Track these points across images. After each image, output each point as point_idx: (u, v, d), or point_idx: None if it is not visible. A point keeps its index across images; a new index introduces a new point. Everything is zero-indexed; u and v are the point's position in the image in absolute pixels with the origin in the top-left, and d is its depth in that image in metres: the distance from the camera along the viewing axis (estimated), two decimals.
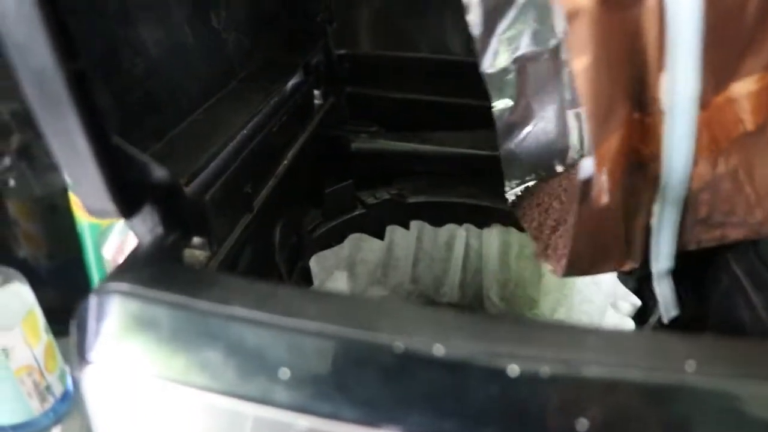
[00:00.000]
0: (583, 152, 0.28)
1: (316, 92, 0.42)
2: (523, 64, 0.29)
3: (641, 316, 0.33)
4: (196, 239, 0.23)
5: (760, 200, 0.25)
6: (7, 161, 0.46)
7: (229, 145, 0.26)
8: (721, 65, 0.23)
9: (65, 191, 0.44)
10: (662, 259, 0.27)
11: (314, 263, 0.36)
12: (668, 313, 0.29)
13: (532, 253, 0.41)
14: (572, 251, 0.27)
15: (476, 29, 0.29)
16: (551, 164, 0.30)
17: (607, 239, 0.27)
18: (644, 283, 0.34)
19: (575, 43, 0.22)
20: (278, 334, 0.17)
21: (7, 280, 0.41)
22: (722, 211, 0.26)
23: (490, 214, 0.40)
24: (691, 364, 0.16)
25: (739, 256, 0.27)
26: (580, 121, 0.27)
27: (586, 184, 0.25)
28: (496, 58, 0.30)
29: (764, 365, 0.16)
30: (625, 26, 0.22)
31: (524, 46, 0.29)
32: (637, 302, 0.33)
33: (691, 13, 0.21)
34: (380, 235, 0.40)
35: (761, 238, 0.26)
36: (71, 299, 0.19)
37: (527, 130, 0.31)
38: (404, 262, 0.42)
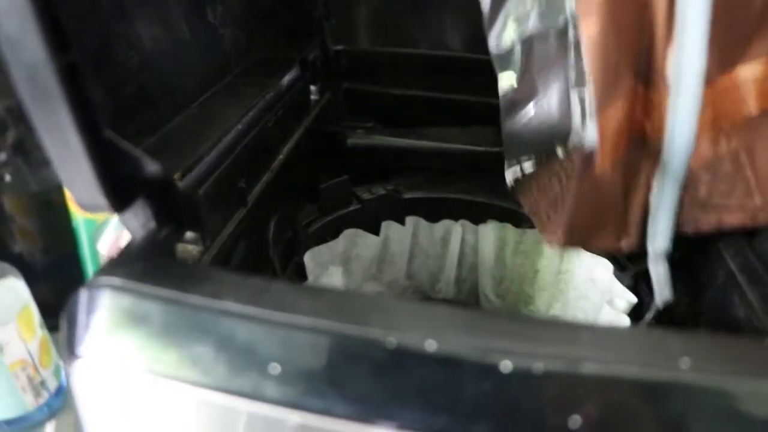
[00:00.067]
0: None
1: (312, 88, 0.42)
2: (530, 41, 0.30)
3: (637, 313, 0.33)
4: (189, 234, 0.23)
5: (759, 185, 0.25)
6: (2, 157, 0.45)
7: (223, 139, 0.26)
8: (728, 45, 0.23)
9: (61, 187, 0.44)
10: (659, 239, 0.27)
11: (309, 258, 0.36)
12: (662, 296, 0.29)
13: (527, 249, 0.41)
14: (571, 220, 0.27)
15: (485, 4, 0.29)
16: (552, 147, 0.30)
17: (605, 211, 0.27)
18: (640, 280, 0.34)
19: (586, 6, 0.22)
20: (269, 329, 0.17)
21: (2, 275, 0.41)
22: (721, 192, 0.26)
23: (485, 210, 0.40)
24: (685, 360, 0.16)
25: (734, 251, 0.26)
26: (583, 102, 0.27)
27: (588, 149, 0.25)
28: (503, 34, 0.30)
29: (759, 362, 0.16)
30: None
31: (532, 24, 0.29)
32: (632, 299, 0.33)
33: None
34: (376, 230, 0.40)
35: (758, 225, 0.26)
36: (66, 294, 0.19)
37: (530, 108, 0.31)
38: (399, 257, 0.42)
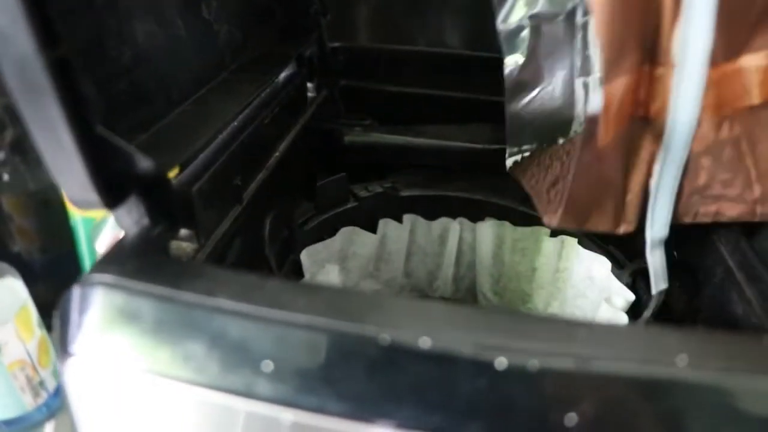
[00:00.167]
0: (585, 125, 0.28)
1: (309, 85, 0.41)
2: (537, 22, 0.29)
3: (635, 311, 0.33)
4: (183, 231, 0.23)
5: (759, 176, 0.25)
6: (0, 156, 0.45)
7: (218, 136, 0.26)
8: (733, 32, 0.23)
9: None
10: (657, 226, 0.27)
11: (305, 256, 0.36)
12: (657, 285, 0.29)
13: (525, 247, 0.41)
14: (570, 198, 0.27)
15: None
16: (554, 136, 0.30)
17: (605, 191, 0.27)
18: (638, 277, 0.34)
19: None
20: (261, 325, 0.17)
21: (0, 274, 0.41)
22: (721, 181, 0.26)
23: (483, 207, 0.40)
24: (683, 358, 0.16)
25: (732, 248, 0.26)
26: (587, 91, 0.27)
27: (592, 121, 0.25)
28: (511, 13, 0.30)
29: (757, 359, 0.16)
30: None
31: (541, 5, 0.29)
32: (630, 297, 0.33)
33: None
34: (373, 228, 0.40)
35: (756, 219, 0.26)
36: None
37: (535, 92, 0.31)
38: (397, 255, 0.42)
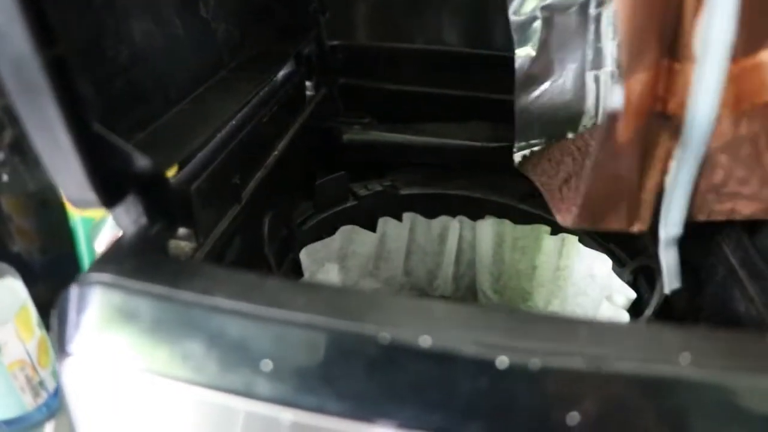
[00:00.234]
0: (596, 119, 0.28)
1: (308, 83, 0.41)
2: (550, 13, 0.29)
3: (636, 309, 0.33)
4: (181, 230, 0.23)
5: None
6: (0, 156, 0.45)
7: (216, 135, 0.26)
8: (754, 25, 0.23)
9: None
10: (672, 224, 0.27)
11: (305, 256, 0.36)
12: (671, 284, 0.29)
13: (525, 245, 0.41)
14: (586, 196, 0.27)
15: None
16: (563, 130, 0.30)
17: (620, 189, 0.27)
18: (639, 275, 0.34)
19: None
20: (260, 324, 0.16)
21: (0, 274, 0.41)
22: (737, 178, 0.25)
23: (483, 206, 0.40)
24: (685, 356, 0.16)
25: (735, 246, 0.26)
26: (598, 84, 0.27)
27: (611, 118, 0.24)
28: (524, 3, 0.30)
29: (760, 357, 0.16)
30: None
31: None
32: (632, 295, 0.33)
33: None
34: (372, 227, 0.40)
35: None
36: None
37: (545, 86, 0.31)
38: (397, 254, 0.42)
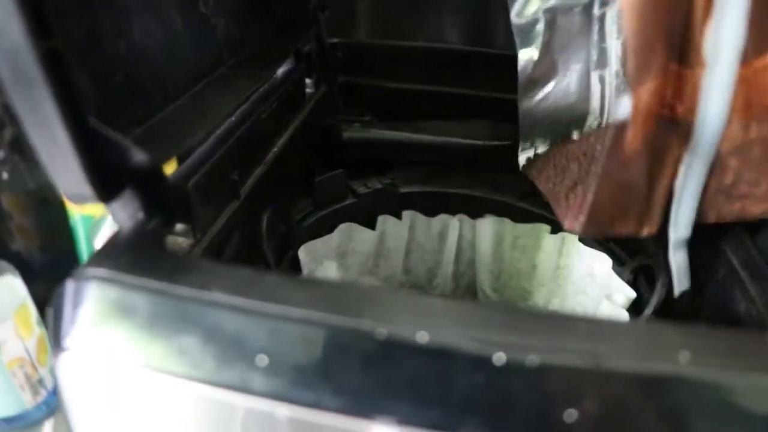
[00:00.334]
0: (601, 120, 0.27)
1: (307, 81, 0.41)
2: (553, 15, 0.29)
3: (636, 308, 0.33)
4: (179, 226, 0.23)
5: None
6: (0, 154, 0.45)
7: (215, 131, 0.26)
8: (763, 27, 0.23)
9: None
10: (681, 226, 0.27)
11: (303, 253, 0.36)
12: (681, 285, 0.29)
13: (525, 244, 0.41)
14: (594, 204, 0.27)
15: None
16: (568, 131, 0.30)
17: (629, 195, 0.27)
18: (639, 275, 0.33)
19: None
20: (256, 319, 0.16)
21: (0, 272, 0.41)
22: (747, 180, 0.25)
23: (483, 204, 0.40)
24: (685, 354, 0.15)
25: (736, 246, 0.26)
26: (603, 84, 0.27)
27: (619, 126, 0.24)
28: (526, 5, 0.30)
29: (759, 356, 0.16)
30: None
31: None
32: (632, 294, 0.33)
33: None
34: (372, 225, 0.40)
35: None
36: None
37: (549, 88, 0.31)
38: (396, 252, 0.42)
